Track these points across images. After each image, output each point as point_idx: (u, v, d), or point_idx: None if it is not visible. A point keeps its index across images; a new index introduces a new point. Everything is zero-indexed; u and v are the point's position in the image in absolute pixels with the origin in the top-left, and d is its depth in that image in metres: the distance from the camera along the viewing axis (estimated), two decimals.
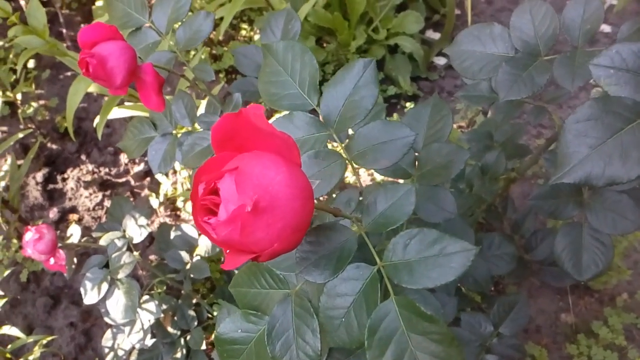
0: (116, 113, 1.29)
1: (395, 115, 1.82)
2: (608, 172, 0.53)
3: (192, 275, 1.25)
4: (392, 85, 1.96)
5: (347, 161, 0.56)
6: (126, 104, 1.28)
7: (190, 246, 1.29)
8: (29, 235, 1.04)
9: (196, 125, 0.92)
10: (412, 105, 1.85)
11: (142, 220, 1.19)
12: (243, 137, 0.40)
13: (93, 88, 1.28)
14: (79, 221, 1.66)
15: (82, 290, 1.08)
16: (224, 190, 0.37)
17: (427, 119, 0.79)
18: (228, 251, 0.40)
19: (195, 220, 0.40)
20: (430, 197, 0.74)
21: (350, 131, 0.66)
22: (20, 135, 1.27)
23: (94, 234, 1.23)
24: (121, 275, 1.07)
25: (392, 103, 1.97)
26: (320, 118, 0.58)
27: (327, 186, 0.54)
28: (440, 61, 2.15)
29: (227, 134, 0.41)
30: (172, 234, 1.29)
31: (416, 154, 0.78)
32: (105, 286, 1.08)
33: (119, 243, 1.11)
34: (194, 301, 1.36)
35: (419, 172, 0.76)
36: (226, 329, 0.56)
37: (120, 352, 1.21)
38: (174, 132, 0.98)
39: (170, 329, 1.29)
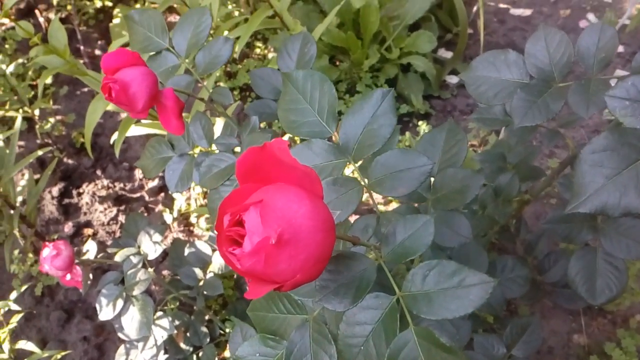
0: (133, 131, 1.31)
1: (407, 134, 1.83)
2: (624, 202, 0.53)
3: (205, 292, 1.26)
4: (404, 104, 1.97)
5: (364, 188, 0.57)
6: (143, 122, 1.30)
7: (204, 263, 1.30)
8: (47, 252, 1.06)
9: (213, 146, 0.94)
10: (425, 124, 1.86)
11: (157, 237, 1.21)
12: (267, 169, 0.41)
13: (111, 107, 1.30)
14: (94, 235, 1.68)
15: (97, 306, 1.10)
16: (249, 222, 0.38)
17: (442, 144, 0.80)
18: (250, 280, 0.41)
19: (220, 250, 0.41)
20: (445, 221, 0.74)
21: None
22: (40, 152, 1.29)
23: (110, 250, 1.24)
24: (136, 292, 1.08)
25: (404, 121, 1.98)
26: (339, 144, 0.59)
27: (345, 213, 0.55)
28: (453, 80, 2.16)
29: (251, 167, 0.42)
30: (186, 251, 1.30)
31: (432, 178, 0.78)
32: (120, 302, 1.09)
33: (134, 260, 1.12)
34: (207, 317, 1.37)
35: (434, 196, 0.77)
36: (244, 352, 0.57)
37: None
38: (191, 152, 0.99)
39: (183, 345, 1.30)
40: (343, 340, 0.45)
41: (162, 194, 1.79)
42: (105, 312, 1.09)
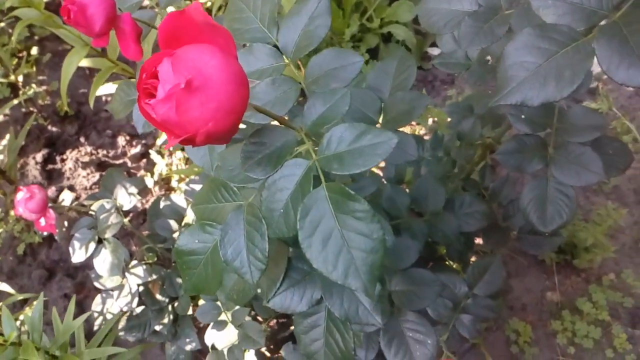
0: (108, 88, 1.34)
1: None
2: (543, 93, 0.56)
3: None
4: None
5: (302, 87, 0.60)
6: (116, 70, 1.32)
7: (179, 216, 1.33)
8: (21, 195, 1.09)
9: None
10: None
11: (133, 189, 1.23)
12: (186, 34, 0.44)
13: (86, 62, 1.33)
14: (76, 199, 1.71)
15: (70, 249, 1.12)
16: (162, 73, 0.41)
17: (394, 71, 0.83)
18: (169, 134, 0.43)
19: (139, 108, 0.43)
20: None
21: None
22: (15, 102, 1.31)
23: (86, 202, 1.27)
24: (108, 234, 1.11)
25: None
26: (278, 48, 0.62)
27: (284, 109, 0.58)
28: (434, 51, 2.18)
29: (172, 32, 0.44)
30: (162, 204, 1.33)
31: (382, 103, 0.81)
32: (92, 245, 1.12)
33: (107, 206, 1.15)
34: None
35: (384, 119, 0.79)
36: (185, 240, 0.60)
37: (109, 316, 1.25)
38: None
39: (158, 297, 1.33)
40: (266, 206, 0.48)
41: (144, 160, 1.82)
42: (78, 255, 1.12)
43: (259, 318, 1.30)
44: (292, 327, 1.02)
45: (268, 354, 1.44)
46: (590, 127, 0.86)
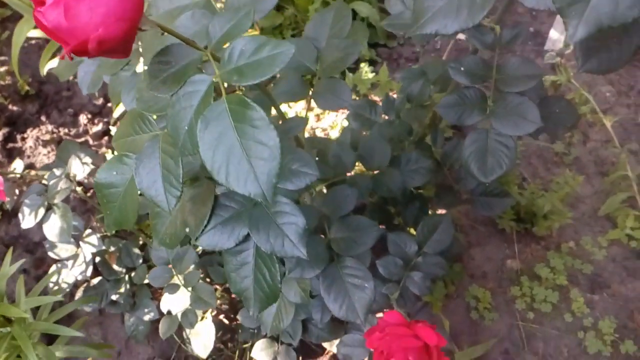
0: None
1: (351, 75, 1.86)
2: (457, 21, 0.56)
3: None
4: None
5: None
6: None
7: None
8: None
9: None
10: (367, 65, 1.89)
11: (87, 159, 1.23)
12: None
13: (37, 33, 1.32)
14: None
15: (20, 216, 1.12)
16: None
17: (331, 21, 0.83)
18: (63, 46, 0.43)
19: (34, 18, 0.43)
20: (329, 88, 0.78)
21: None
22: None
23: (40, 172, 1.26)
24: (57, 200, 1.10)
25: (350, 68, 2.00)
26: None
27: (203, 43, 0.58)
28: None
29: None
30: None
31: (319, 52, 0.81)
32: (42, 212, 1.11)
33: (57, 172, 1.14)
34: (141, 243, 1.39)
35: (321, 67, 0.80)
36: (103, 174, 0.60)
37: (64, 285, 1.24)
38: None
39: (115, 267, 1.32)
40: (172, 124, 0.48)
41: (106, 138, 1.81)
42: (27, 221, 1.11)
43: (217, 287, 1.30)
44: None
45: (227, 322, 1.45)
46: (526, 77, 0.87)
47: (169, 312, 1.18)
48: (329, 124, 1.83)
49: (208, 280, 1.28)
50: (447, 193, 1.20)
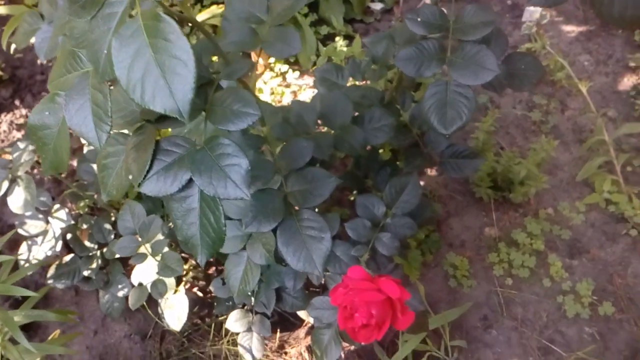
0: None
1: (325, 48, 1.85)
2: None
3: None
4: (325, 25, 1.99)
5: None
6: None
7: None
8: None
9: None
10: (345, 43, 1.87)
11: None
12: None
13: (2, 10, 1.30)
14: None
15: None
16: None
17: None
18: None
19: None
20: (279, 37, 0.77)
21: None
22: None
23: (6, 149, 1.25)
24: (21, 172, 1.09)
25: (326, 43, 1.99)
26: None
27: None
28: (377, 6, 2.18)
29: None
30: (86, 149, 1.31)
31: (269, 1, 0.80)
32: (6, 184, 1.10)
33: (21, 145, 1.13)
34: (113, 219, 1.38)
35: (271, 16, 0.79)
36: (36, 115, 0.59)
37: (34, 262, 1.23)
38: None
39: (87, 243, 1.31)
40: (92, 50, 0.47)
41: None
42: None
43: (192, 261, 1.30)
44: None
45: (201, 294, 1.44)
46: (482, 24, 0.86)
47: (140, 285, 1.17)
48: (306, 99, 1.82)
49: (179, 252, 1.27)
50: (416, 156, 1.20)
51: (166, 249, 1.10)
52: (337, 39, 1.86)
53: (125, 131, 0.72)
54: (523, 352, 1.42)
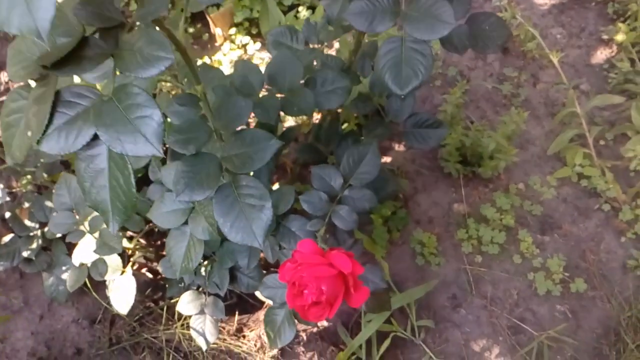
0: None
1: (284, 18, 1.76)
2: None
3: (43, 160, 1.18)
4: None
5: None
6: None
7: None
8: None
9: None
10: (308, 12, 1.79)
11: None
12: None
13: None
14: None
15: None
16: None
17: None
18: None
19: None
20: None
21: None
22: None
23: None
24: None
25: (285, 11, 1.90)
26: None
27: None
28: None
29: None
30: None
31: None
32: None
33: None
34: None
35: None
36: None
37: None
38: None
39: (27, 223, 1.22)
40: None
41: None
42: None
43: (131, 233, 1.21)
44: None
45: (150, 276, 1.36)
46: None
47: (81, 265, 1.09)
48: None
49: (126, 231, 1.19)
50: (377, 124, 1.12)
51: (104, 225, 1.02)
52: (300, 8, 1.77)
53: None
54: (493, 331, 1.37)
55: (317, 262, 0.81)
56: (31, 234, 1.22)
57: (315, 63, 1.07)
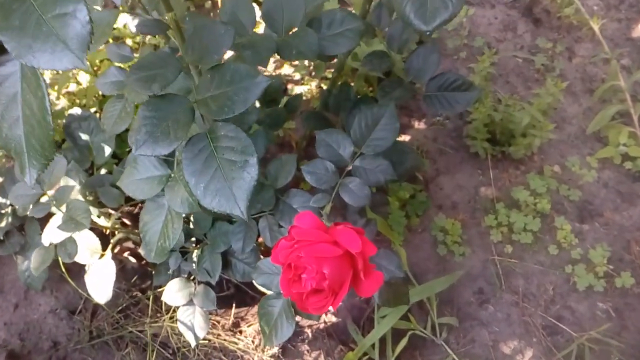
0: None
1: None
2: None
3: None
4: None
5: None
6: None
7: None
8: None
9: None
10: None
11: None
12: None
13: None
14: None
15: None
16: None
17: None
18: None
19: None
20: None
21: None
22: None
23: None
24: None
25: None
26: None
27: None
28: None
29: None
30: None
31: None
32: None
33: None
34: None
35: None
36: None
37: None
38: None
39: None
40: None
41: None
42: None
43: (110, 211, 1.06)
44: None
45: (134, 261, 1.21)
46: None
47: (51, 245, 0.94)
48: None
49: (99, 205, 1.03)
50: (395, 85, 0.96)
51: (78, 198, 0.87)
52: None
53: None
54: (525, 331, 1.19)
55: (318, 239, 0.65)
56: (2, 211, 1.07)
57: None
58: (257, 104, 1.15)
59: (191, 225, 1.04)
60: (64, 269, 1.08)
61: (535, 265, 1.26)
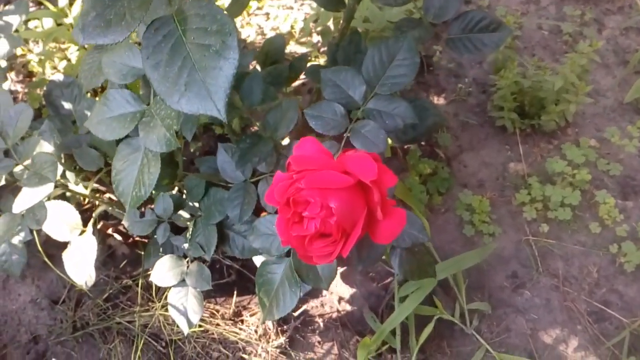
0: None
1: None
2: None
3: None
4: None
5: None
6: None
7: None
8: None
9: None
10: None
11: None
12: None
13: None
14: None
15: None
16: None
17: None
18: None
19: None
20: None
21: None
22: None
23: None
24: None
25: None
26: None
27: None
28: None
29: None
30: None
31: None
32: None
33: None
34: None
35: None
36: None
37: None
38: None
39: None
40: None
41: None
42: None
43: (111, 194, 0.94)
44: None
45: (120, 238, 1.08)
46: None
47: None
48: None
49: (77, 170, 0.91)
50: (414, 24, 0.83)
51: (46, 151, 0.74)
52: None
53: None
54: (568, 318, 1.04)
55: (323, 166, 0.52)
56: None
57: None
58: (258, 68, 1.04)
59: (184, 197, 0.92)
60: (42, 251, 0.95)
61: (575, 245, 1.11)
